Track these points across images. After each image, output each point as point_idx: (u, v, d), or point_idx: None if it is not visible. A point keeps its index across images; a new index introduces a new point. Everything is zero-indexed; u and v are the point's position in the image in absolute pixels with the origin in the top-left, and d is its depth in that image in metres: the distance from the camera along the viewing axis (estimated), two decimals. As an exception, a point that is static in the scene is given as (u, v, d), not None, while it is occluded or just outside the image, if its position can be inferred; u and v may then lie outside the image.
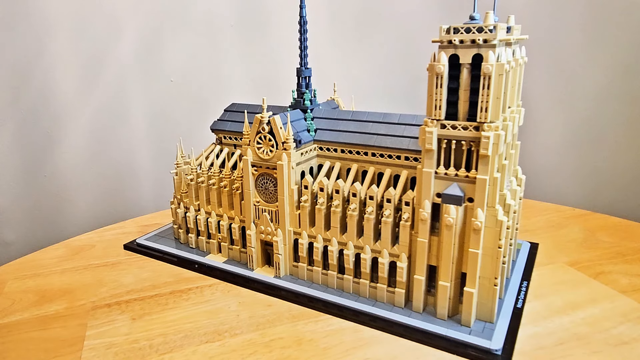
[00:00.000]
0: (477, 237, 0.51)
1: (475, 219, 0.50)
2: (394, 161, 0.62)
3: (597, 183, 1.04)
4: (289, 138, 0.61)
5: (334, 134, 0.66)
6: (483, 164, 0.49)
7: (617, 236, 0.78)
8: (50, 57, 0.98)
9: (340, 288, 0.62)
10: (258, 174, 0.65)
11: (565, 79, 1.00)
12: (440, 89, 0.50)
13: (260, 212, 0.66)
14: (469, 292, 0.53)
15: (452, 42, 0.49)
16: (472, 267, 0.52)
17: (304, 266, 0.65)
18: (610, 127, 1.00)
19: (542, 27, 0.98)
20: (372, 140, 0.63)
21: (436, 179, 0.53)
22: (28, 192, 1.03)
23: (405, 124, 0.63)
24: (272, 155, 0.63)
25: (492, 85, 0.47)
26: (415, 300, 0.57)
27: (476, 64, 0.48)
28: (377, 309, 0.58)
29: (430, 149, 0.51)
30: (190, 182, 0.73)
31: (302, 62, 0.69)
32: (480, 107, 0.48)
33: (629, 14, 0.92)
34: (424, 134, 0.52)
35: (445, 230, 0.52)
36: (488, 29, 0.47)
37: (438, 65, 0.49)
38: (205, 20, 1.07)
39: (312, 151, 0.67)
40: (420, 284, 0.56)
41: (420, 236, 0.54)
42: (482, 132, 0.48)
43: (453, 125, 0.50)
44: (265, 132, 0.63)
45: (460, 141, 0.51)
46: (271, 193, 0.65)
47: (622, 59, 0.96)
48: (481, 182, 0.50)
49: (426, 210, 0.53)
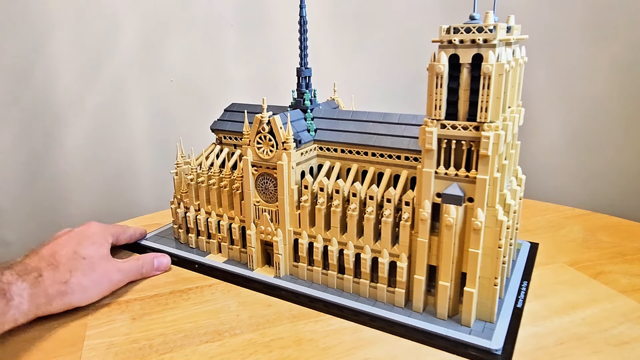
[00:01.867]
0: (477, 237, 0.51)
1: (476, 218, 0.50)
2: (394, 161, 0.62)
3: (597, 183, 1.04)
4: (289, 138, 0.61)
5: (334, 133, 0.66)
6: (483, 164, 0.49)
7: (617, 236, 0.78)
8: (50, 57, 0.98)
9: (340, 288, 0.62)
10: (258, 173, 0.65)
11: (565, 79, 1.00)
12: (440, 88, 0.50)
13: (261, 212, 0.66)
14: (469, 292, 0.53)
15: (452, 42, 0.49)
16: (472, 267, 0.52)
17: (304, 266, 0.64)
18: (610, 127, 1.00)
19: (542, 27, 0.98)
20: (372, 140, 0.63)
21: (436, 178, 0.53)
22: (28, 192, 1.03)
23: (405, 124, 0.63)
24: (272, 155, 0.63)
25: (492, 85, 0.47)
26: (415, 300, 0.57)
27: (476, 64, 0.48)
28: (377, 308, 0.58)
29: (431, 149, 0.51)
30: (190, 182, 0.73)
31: (302, 62, 0.69)
32: (480, 107, 0.48)
33: (629, 14, 0.92)
34: (424, 133, 0.52)
35: (446, 230, 0.52)
36: (488, 29, 0.47)
37: (438, 65, 0.49)
38: (205, 20, 1.07)
39: (312, 151, 0.67)
40: (420, 284, 0.56)
41: (420, 236, 0.54)
42: (482, 132, 0.48)
43: (453, 125, 0.50)
44: (265, 132, 0.63)
45: (460, 141, 0.51)
46: (271, 193, 0.65)
47: (622, 59, 0.96)
48: (481, 182, 0.50)
49: (426, 210, 0.53)
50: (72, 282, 0.56)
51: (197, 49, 1.07)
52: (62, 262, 0.56)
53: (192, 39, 1.07)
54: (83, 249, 0.60)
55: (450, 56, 0.49)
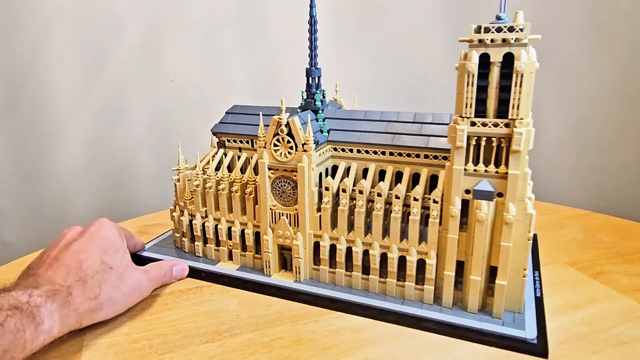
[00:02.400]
0: (509, 230, 0.52)
1: (508, 213, 0.52)
2: (413, 159, 0.62)
3: (597, 183, 1.04)
4: (310, 139, 0.60)
5: (348, 134, 0.66)
6: (515, 160, 0.51)
7: (617, 236, 0.79)
8: (50, 57, 0.98)
9: (365, 289, 0.62)
10: (274, 177, 0.64)
11: (565, 79, 1.02)
12: (471, 87, 0.51)
13: (278, 216, 0.64)
14: (501, 285, 0.54)
15: (482, 41, 0.50)
16: (503, 260, 0.53)
17: (326, 269, 0.64)
18: (610, 126, 1.01)
19: (542, 27, 1.01)
20: (392, 140, 0.63)
21: (465, 175, 0.54)
22: (28, 192, 1.04)
23: (421, 122, 0.63)
24: (291, 157, 0.61)
25: (525, 83, 0.49)
26: (445, 296, 0.57)
27: (505, 62, 0.50)
28: (406, 307, 0.58)
29: (461, 146, 0.52)
30: (196, 188, 0.70)
31: (312, 62, 0.68)
32: (512, 104, 0.50)
33: (629, 14, 0.93)
34: (454, 131, 0.52)
35: (478, 225, 0.53)
36: (519, 28, 0.48)
37: (470, 64, 0.50)
38: (205, 20, 1.06)
39: (327, 152, 0.66)
40: (450, 280, 0.57)
41: (450, 232, 0.55)
42: (514, 128, 0.50)
43: (483, 123, 0.52)
44: (283, 134, 0.61)
45: (490, 138, 0.52)
46: (289, 196, 0.63)
47: (621, 59, 0.96)
48: (513, 177, 0.51)
49: (457, 206, 0.54)
50: (102, 296, 0.52)
51: (197, 49, 1.07)
52: (90, 275, 0.52)
53: (192, 39, 1.06)
54: (109, 258, 0.56)
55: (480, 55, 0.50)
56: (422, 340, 0.53)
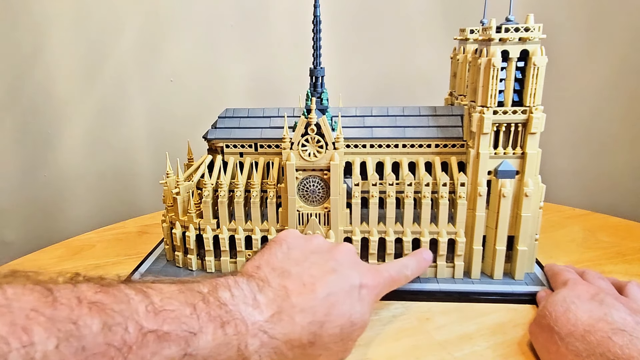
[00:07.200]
0: (529, 202, 0.61)
1: (527, 187, 0.60)
2: (425, 150, 0.68)
3: (597, 183, 1.04)
4: (340, 137, 0.61)
5: (361, 130, 0.68)
6: (532, 140, 0.59)
7: (617, 236, 0.78)
8: (49, 56, 0.98)
9: (398, 275, 0.65)
10: (301, 178, 0.63)
11: (565, 79, 1.01)
12: (496, 80, 0.58)
13: (306, 217, 0.64)
14: (523, 250, 0.62)
15: (501, 40, 0.57)
16: (524, 228, 0.62)
17: (358, 262, 0.65)
18: (610, 127, 1.01)
19: (542, 27, 1.09)
20: (403, 133, 0.67)
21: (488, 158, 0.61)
22: (28, 192, 1.04)
23: (428, 115, 0.69)
24: (320, 156, 0.62)
25: (541, 75, 0.57)
26: (474, 270, 0.64)
27: (521, 57, 0.58)
28: (443, 284, 0.63)
29: (487, 133, 0.59)
30: (206, 199, 0.65)
31: (316, 61, 0.69)
32: (530, 93, 0.58)
33: (629, 13, 0.93)
34: (481, 120, 0.59)
35: (503, 200, 0.61)
36: (534, 28, 0.56)
37: (496, 60, 0.57)
38: (205, 20, 1.04)
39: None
40: (479, 254, 0.63)
41: (478, 211, 0.62)
42: (532, 113, 0.58)
43: (504, 111, 0.59)
44: (313, 134, 0.61)
45: (509, 124, 0.59)
46: (317, 195, 0.63)
47: (622, 59, 0.96)
48: (532, 156, 0.60)
49: (484, 187, 0.61)
50: None
51: (196, 49, 1.05)
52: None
53: (192, 39, 1.04)
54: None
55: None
56: (422, 340, 0.53)
